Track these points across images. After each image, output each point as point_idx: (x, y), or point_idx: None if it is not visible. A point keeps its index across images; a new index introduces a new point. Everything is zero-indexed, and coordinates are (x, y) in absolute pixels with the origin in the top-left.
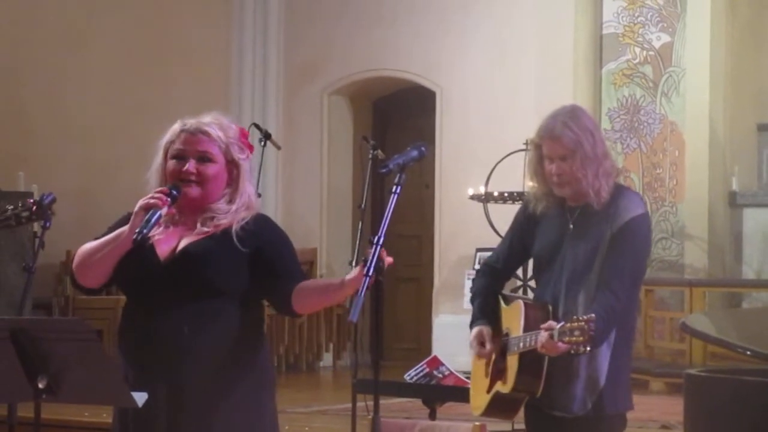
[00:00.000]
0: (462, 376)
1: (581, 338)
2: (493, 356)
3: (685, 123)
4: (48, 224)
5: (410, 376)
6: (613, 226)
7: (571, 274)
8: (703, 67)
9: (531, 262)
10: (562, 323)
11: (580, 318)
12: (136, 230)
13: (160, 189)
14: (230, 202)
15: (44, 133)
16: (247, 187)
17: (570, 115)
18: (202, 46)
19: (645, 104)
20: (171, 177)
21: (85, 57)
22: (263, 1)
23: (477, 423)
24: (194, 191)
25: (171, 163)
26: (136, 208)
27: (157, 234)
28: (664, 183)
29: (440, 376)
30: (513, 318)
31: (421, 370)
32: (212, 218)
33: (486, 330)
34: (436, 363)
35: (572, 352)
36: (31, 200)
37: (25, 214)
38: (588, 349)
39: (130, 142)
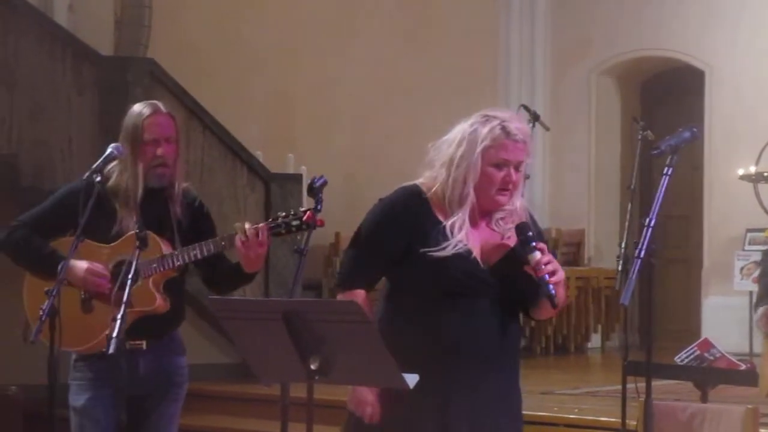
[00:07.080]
0: (734, 359)
1: None
2: None
3: None
4: (320, 207)
5: (680, 358)
6: None
7: None
8: None
9: None
10: None
11: None
12: None
13: None
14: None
15: (313, 116)
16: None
17: None
18: (469, 28)
19: None
20: (491, 185)
21: (352, 40)
22: None
23: (750, 406)
24: (506, 200)
25: (492, 170)
26: None
27: (460, 236)
28: None
29: (712, 358)
30: None
31: (692, 353)
32: (502, 219)
33: None
34: (707, 345)
35: None
36: (302, 208)
37: (295, 222)
38: None
39: (397, 125)
